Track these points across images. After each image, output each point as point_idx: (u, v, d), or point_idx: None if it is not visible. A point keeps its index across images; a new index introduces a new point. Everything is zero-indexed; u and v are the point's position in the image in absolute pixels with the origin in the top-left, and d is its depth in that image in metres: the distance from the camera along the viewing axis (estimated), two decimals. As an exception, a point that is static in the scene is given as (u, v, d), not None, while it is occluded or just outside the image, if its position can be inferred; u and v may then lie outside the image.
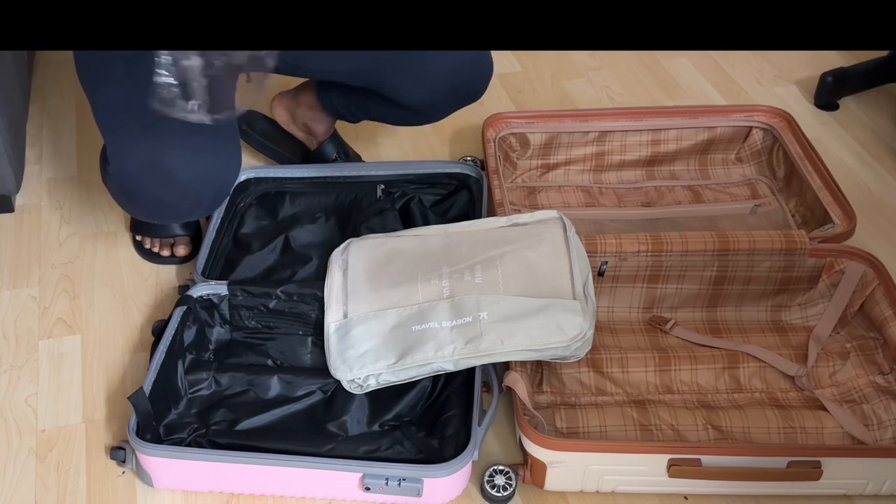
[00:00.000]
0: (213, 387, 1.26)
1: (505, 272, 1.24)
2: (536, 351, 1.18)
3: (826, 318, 1.36)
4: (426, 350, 1.19)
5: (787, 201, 1.56)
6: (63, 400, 1.30)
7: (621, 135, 1.62)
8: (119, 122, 1.23)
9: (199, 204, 1.28)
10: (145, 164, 1.20)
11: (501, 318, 1.19)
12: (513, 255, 1.26)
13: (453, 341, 1.19)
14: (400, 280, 1.27)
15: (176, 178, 1.21)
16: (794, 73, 1.97)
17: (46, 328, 1.40)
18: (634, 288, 1.38)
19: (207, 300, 1.32)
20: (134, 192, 1.25)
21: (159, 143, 1.19)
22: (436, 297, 1.24)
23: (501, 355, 1.18)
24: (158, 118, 1.04)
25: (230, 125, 1.28)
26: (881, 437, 1.22)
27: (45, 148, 1.72)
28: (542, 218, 1.31)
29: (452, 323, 1.20)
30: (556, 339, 1.17)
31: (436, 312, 1.22)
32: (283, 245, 1.46)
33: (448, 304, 1.22)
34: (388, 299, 1.26)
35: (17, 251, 1.52)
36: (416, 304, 1.24)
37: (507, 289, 1.22)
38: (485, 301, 1.21)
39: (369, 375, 1.21)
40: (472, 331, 1.19)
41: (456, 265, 1.27)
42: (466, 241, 1.30)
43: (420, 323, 1.22)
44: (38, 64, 1.91)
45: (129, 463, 1.17)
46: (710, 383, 1.29)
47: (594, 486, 1.16)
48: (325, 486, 1.14)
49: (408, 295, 1.25)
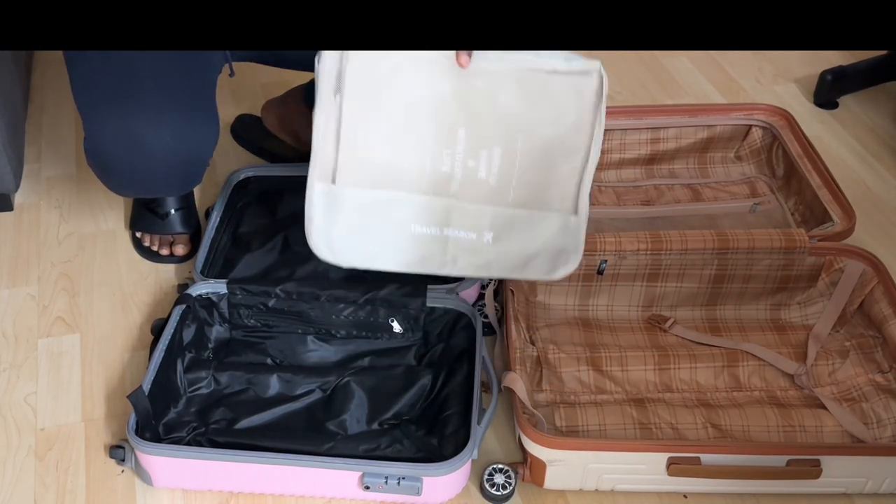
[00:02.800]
0: (212, 385, 1.26)
1: (522, 165, 1.12)
2: (522, 276, 1.18)
3: (825, 316, 1.36)
4: (423, 261, 1.14)
5: (786, 200, 1.56)
6: (62, 399, 1.30)
7: (620, 133, 1.62)
8: (93, 95, 1.23)
9: (172, 175, 1.26)
10: (116, 132, 1.20)
11: (504, 244, 1.15)
12: (535, 137, 1.11)
13: (454, 257, 1.15)
14: (404, 139, 1.11)
15: (146, 145, 1.20)
16: (794, 71, 1.97)
17: (46, 327, 1.40)
18: (634, 286, 1.38)
19: (207, 299, 1.32)
20: (107, 162, 1.24)
21: (131, 113, 1.19)
22: (443, 188, 1.12)
23: (489, 276, 1.19)
24: (130, 90, 1.03)
25: (206, 99, 1.28)
26: (880, 436, 1.22)
27: (43, 146, 1.72)
28: (582, 69, 1.10)
29: (456, 233, 1.14)
30: (546, 276, 1.17)
31: (439, 215, 1.13)
32: (283, 243, 1.45)
33: (455, 206, 1.13)
34: (386, 173, 1.11)
35: (16, 250, 1.52)
36: (419, 193, 1.12)
37: (518, 192, 1.13)
38: (495, 220, 1.14)
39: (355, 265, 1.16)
40: (473, 248, 1.15)
41: (473, 135, 1.11)
42: (488, 96, 1.10)
43: (420, 223, 1.14)
44: (37, 63, 1.91)
45: (129, 462, 1.17)
46: (709, 382, 1.29)
47: (593, 485, 1.16)
48: (324, 484, 1.14)
49: (412, 172, 1.11)
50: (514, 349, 1.24)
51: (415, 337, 1.33)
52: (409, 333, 1.33)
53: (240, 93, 1.85)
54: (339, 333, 1.33)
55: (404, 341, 1.33)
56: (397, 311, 1.31)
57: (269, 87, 1.85)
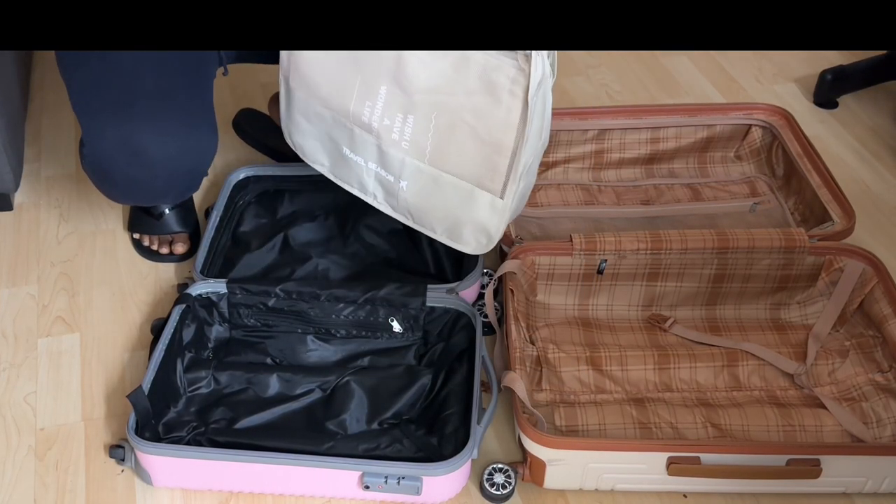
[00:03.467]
0: (212, 385, 1.26)
1: (437, 138, 1.13)
2: (441, 237, 1.23)
3: (825, 316, 1.36)
4: (351, 182, 1.23)
5: (786, 199, 1.56)
6: (62, 398, 1.30)
7: (620, 133, 1.62)
8: (93, 103, 1.23)
9: (172, 184, 1.27)
10: (118, 142, 1.20)
11: (417, 195, 1.19)
12: (454, 112, 1.11)
13: (375, 189, 1.22)
14: (338, 70, 1.17)
15: (148, 155, 1.21)
16: (794, 71, 1.97)
17: (45, 326, 1.39)
18: (633, 286, 1.38)
19: (206, 298, 1.32)
20: (107, 171, 1.25)
21: (132, 122, 1.19)
22: (365, 126, 1.17)
23: (407, 222, 1.25)
24: (131, 98, 1.04)
25: (206, 107, 1.28)
26: (880, 435, 1.22)
27: (43, 146, 1.72)
28: (515, 66, 1.07)
29: (377, 169, 1.20)
30: (453, 243, 1.23)
31: (364, 147, 1.19)
32: (283, 243, 1.45)
33: (375, 145, 1.17)
34: (323, 93, 1.19)
35: (16, 249, 1.52)
36: (348, 120, 1.19)
37: (434, 157, 1.14)
38: (408, 169, 1.17)
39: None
40: (392, 190, 1.21)
41: (394, 94, 1.14)
42: (421, 67, 1.11)
43: (350, 148, 1.22)
44: (37, 62, 1.91)
45: (128, 461, 1.17)
46: (709, 381, 1.29)
47: (593, 485, 1.16)
48: (324, 484, 1.14)
49: (342, 104, 1.17)
50: (514, 349, 1.24)
51: (414, 336, 1.33)
52: (408, 333, 1.33)
53: (240, 92, 1.85)
54: (339, 333, 1.33)
55: (404, 341, 1.33)
56: (397, 311, 1.31)
57: (270, 87, 1.85)
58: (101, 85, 1.22)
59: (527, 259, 1.34)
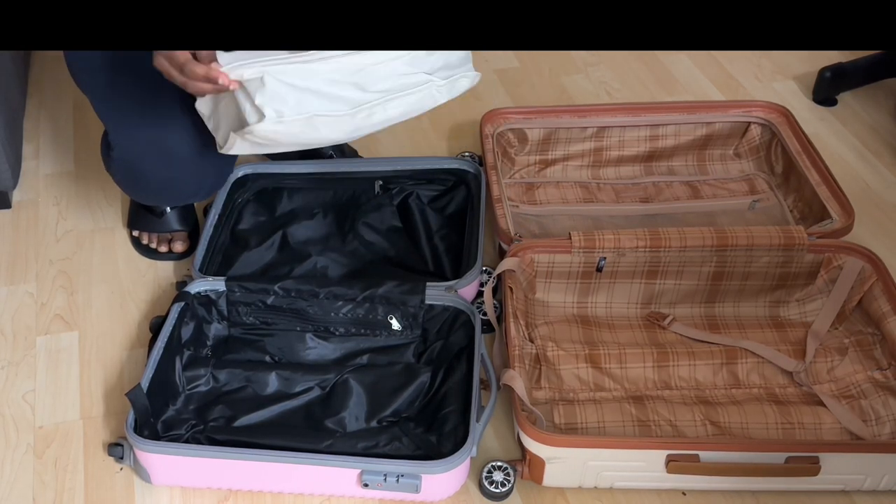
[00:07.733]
0: (210, 383, 1.26)
1: None
2: None
3: (824, 313, 1.36)
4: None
5: (785, 197, 1.56)
6: (61, 396, 1.30)
7: (619, 130, 1.62)
8: (118, 107, 1.24)
9: (203, 182, 1.31)
10: (148, 144, 1.23)
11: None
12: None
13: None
14: None
15: (179, 154, 1.23)
16: (793, 68, 1.97)
17: (44, 324, 1.39)
18: (633, 284, 1.38)
19: (205, 296, 1.32)
20: (140, 174, 1.27)
21: (160, 123, 1.22)
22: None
23: None
24: (156, 99, 1.05)
25: None
26: (879, 433, 1.22)
27: (42, 143, 1.72)
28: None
29: None
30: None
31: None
32: (281, 241, 1.45)
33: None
34: None
35: (14, 247, 1.52)
36: None
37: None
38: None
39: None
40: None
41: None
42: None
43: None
44: (36, 59, 1.91)
45: (127, 459, 1.17)
46: (708, 379, 1.30)
47: (592, 482, 1.16)
48: (323, 482, 1.14)
49: None
50: (513, 346, 1.24)
51: (413, 334, 1.32)
52: (407, 331, 1.32)
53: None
54: (338, 331, 1.33)
55: (403, 339, 1.33)
56: (396, 309, 1.31)
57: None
58: (124, 88, 1.23)
59: (526, 257, 1.34)
